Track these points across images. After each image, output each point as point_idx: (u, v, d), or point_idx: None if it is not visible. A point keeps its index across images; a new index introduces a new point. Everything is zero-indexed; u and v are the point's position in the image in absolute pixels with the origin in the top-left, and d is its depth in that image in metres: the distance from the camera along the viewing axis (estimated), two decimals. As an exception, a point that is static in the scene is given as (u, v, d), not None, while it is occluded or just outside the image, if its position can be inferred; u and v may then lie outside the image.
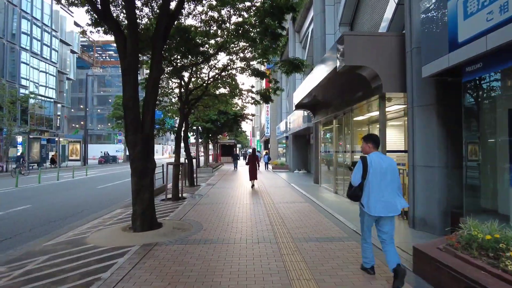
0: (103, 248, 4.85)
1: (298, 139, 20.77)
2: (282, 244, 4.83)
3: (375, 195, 3.26)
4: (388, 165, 3.31)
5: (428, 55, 4.76)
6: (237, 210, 7.62)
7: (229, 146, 37.98)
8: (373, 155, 3.39)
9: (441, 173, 5.14)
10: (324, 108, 11.38)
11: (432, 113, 5.29)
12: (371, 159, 3.34)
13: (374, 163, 3.31)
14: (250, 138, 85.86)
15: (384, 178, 3.26)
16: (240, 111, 22.95)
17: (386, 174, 3.27)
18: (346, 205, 8.12)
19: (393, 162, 3.37)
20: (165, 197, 9.72)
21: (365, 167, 3.32)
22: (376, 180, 3.27)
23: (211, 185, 12.99)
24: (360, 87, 7.67)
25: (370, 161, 3.33)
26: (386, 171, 3.28)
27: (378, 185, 3.26)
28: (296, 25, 20.34)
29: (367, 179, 3.32)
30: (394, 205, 3.23)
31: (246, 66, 10.88)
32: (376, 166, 3.29)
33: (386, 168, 3.28)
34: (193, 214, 7.18)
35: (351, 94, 8.41)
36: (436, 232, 5.11)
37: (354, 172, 3.43)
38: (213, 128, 21.41)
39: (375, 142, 3.46)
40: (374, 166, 3.30)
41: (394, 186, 3.28)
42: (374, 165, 3.30)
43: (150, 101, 6.02)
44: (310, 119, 14.03)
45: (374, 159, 3.34)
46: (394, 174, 3.29)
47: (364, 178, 3.32)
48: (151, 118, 5.94)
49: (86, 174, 19.99)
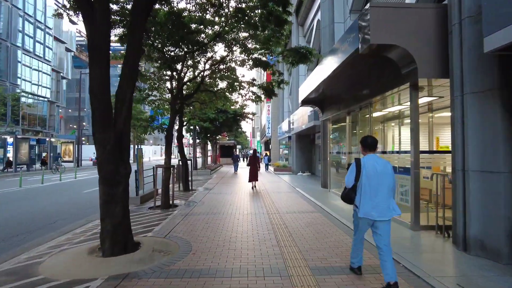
0: (55, 283, 3.59)
1: (301, 139, 19.51)
2: (297, 278, 3.56)
3: (366, 198, 3.27)
4: (383, 168, 3.27)
5: (498, 20, 3.48)
6: (235, 223, 6.35)
7: (228, 147, 36.67)
8: (367, 158, 3.38)
9: (508, 182, 3.87)
10: (334, 104, 10.11)
11: (494, 102, 4.02)
12: (364, 162, 3.34)
13: (367, 166, 3.30)
14: (250, 139, 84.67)
15: (378, 181, 3.24)
16: (240, 109, 21.65)
17: (379, 177, 3.24)
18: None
19: (388, 165, 3.33)
20: (154, 204, 8.46)
21: (359, 169, 3.32)
22: (369, 183, 3.26)
23: (208, 190, 11.72)
24: (385, 75, 6.41)
25: (364, 163, 3.32)
26: (380, 174, 3.25)
27: (370, 188, 3.25)
28: (299, 18, 19.12)
29: (360, 181, 3.31)
30: (386, 209, 3.21)
31: (247, 57, 9.63)
32: (369, 169, 3.28)
33: (380, 171, 3.25)
34: (182, 229, 5.91)
35: (371, 84, 7.15)
36: (503, 260, 3.84)
37: (348, 173, 3.41)
38: (211, 127, 20.13)
39: (369, 145, 3.43)
40: (367, 168, 3.28)
41: (387, 189, 3.25)
42: (367, 168, 3.29)
43: (127, 89, 4.75)
44: (316, 117, 12.76)
45: (368, 161, 3.33)
46: (388, 178, 3.26)
47: (357, 180, 3.32)
48: (127, 110, 4.67)
49: (75, 177, 18.70)
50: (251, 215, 7.10)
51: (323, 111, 11.11)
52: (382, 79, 6.54)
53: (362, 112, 8.25)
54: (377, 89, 6.78)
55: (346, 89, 8.87)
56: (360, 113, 8.35)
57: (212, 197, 10.00)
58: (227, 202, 8.98)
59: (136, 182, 9.40)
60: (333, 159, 10.91)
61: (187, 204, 8.77)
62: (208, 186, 13.18)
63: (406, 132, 6.20)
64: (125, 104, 4.69)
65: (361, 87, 7.70)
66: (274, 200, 9.20)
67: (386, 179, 3.24)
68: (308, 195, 10.01)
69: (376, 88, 6.81)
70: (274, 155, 30.09)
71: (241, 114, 21.86)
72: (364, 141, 3.47)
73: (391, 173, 3.29)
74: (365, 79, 7.48)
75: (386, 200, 3.22)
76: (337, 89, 9.40)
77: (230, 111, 20.52)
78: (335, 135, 10.71)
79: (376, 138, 3.50)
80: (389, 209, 3.21)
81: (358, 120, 8.61)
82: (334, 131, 10.95)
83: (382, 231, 3.22)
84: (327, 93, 10.17)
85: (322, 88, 9.45)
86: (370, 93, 7.17)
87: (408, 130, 5.80)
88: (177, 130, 12.48)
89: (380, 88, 6.64)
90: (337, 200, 9.13)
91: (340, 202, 8.58)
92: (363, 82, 7.61)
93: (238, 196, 10.19)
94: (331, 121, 10.98)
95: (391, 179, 3.26)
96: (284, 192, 10.95)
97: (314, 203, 8.65)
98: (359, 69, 7.28)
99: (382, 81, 6.53)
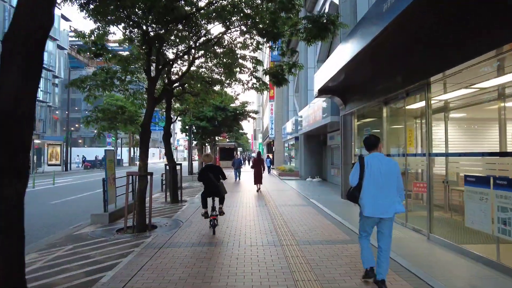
0: None
1: (311, 140, 17.23)
2: None
3: (369, 196, 3.26)
4: (387, 167, 3.28)
5: None
6: (233, 266, 4.06)
7: (229, 149, 34.35)
8: (371, 156, 3.37)
9: None
10: (361, 93, 7.85)
11: None
12: (368, 160, 3.32)
13: (370, 164, 3.29)
14: (252, 141, 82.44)
15: (381, 180, 3.24)
16: (241, 107, 19.34)
17: (383, 176, 3.24)
18: (443, 256, 4.60)
19: (393, 165, 3.32)
20: (125, 225, 6.22)
21: (362, 167, 3.30)
22: (372, 182, 3.26)
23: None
24: (457, 40, 4.15)
25: (367, 162, 3.31)
26: (384, 173, 3.25)
27: (374, 186, 3.24)
28: (307, 3, 16.93)
29: (364, 180, 3.29)
30: (387, 207, 3.21)
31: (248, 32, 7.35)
32: (372, 168, 3.27)
33: (384, 170, 3.25)
34: (145, 281, 3.63)
35: (429, 58, 4.89)
36: None
37: (352, 172, 3.42)
38: (209, 127, 17.85)
39: (369, 145, 3.46)
40: (370, 167, 3.28)
41: (391, 188, 3.25)
42: (370, 166, 3.28)
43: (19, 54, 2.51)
44: (334, 111, 10.49)
45: (371, 160, 3.32)
46: (392, 177, 3.26)
47: (361, 178, 3.29)
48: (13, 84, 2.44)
49: (53, 183, 16.45)
50: (257, 248, 4.82)
51: (346, 103, 8.83)
52: (449, 50, 4.27)
53: (408, 100, 5.99)
54: (441, 64, 4.51)
55: (382, 70, 6.60)
56: (405, 102, 6.08)
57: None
58: (223, 222, 6.71)
59: (104, 195, 7.16)
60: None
61: (168, 226, 6.50)
62: (202, 195, 10.91)
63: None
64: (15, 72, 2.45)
65: (412, 61, 5.44)
66: (286, 219, 6.92)
67: (391, 178, 3.25)
68: (329, 210, 7.72)
69: (439, 63, 4.54)
70: (278, 158, 27.81)
71: (242, 113, 19.57)
72: (364, 140, 3.52)
73: (395, 172, 3.28)
74: (415, 54, 5.22)
75: (389, 199, 3.21)
76: (368, 72, 7.14)
77: (229, 108, 18.23)
78: (367, 131, 8.34)
79: (377, 137, 3.51)
80: (390, 207, 3.20)
81: (401, 113, 6.36)
82: (361, 128, 8.66)
83: (386, 230, 3.27)
84: (352, 80, 7.91)
85: (346, 72, 7.21)
86: (428, 72, 4.90)
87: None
88: (164, 128, 10.24)
89: (444, 63, 4.37)
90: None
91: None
92: (413, 56, 5.35)
93: (238, 211, 7.92)
94: (356, 115, 8.71)
95: (395, 178, 3.26)
96: (297, 206, 8.66)
97: (343, 224, 6.36)
98: (412, 33, 5.02)
99: (447, 53, 4.26)
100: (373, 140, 3.44)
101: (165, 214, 7.77)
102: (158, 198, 10.46)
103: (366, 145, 3.49)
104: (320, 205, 8.52)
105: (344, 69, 6.84)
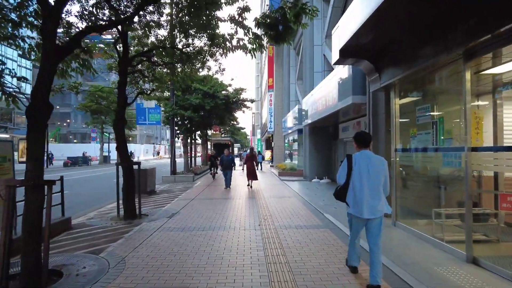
0: None
1: (318, 132, 14.24)
2: None
3: (356, 195, 3.19)
4: (375, 165, 3.19)
5: None
6: None
7: (225, 146, 31.32)
8: (359, 154, 3.28)
9: None
10: (414, 48, 4.84)
11: None
12: (355, 158, 3.25)
13: (358, 162, 3.22)
14: (251, 138, 79.45)
15: (369, 178, 3.16)
16: (235, 94, 16.26)
17: (373, 174, 3.16)
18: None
19: (381, 162, 3.23)
20: (2, 272, 3.26)
21: (350, 165, 3.24)
22: (359, 180, 3.18)
23: (167, 218, 6.52)
24: None
25: (356, 160, 3.24)
26: (373, 171, 3.17)
27: (361, 184, 3.17)
28: None
29: (351, 178, 3.23)
30: (375, 206, 3.13)
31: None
32: (360, 165, 3.20)
33: (374, 168, 3.17)
34: None
35: None
36: None
37: (339, 170, 3.37)
38: (195, 117, 14.80)
39: (360, 141, 3.32)
40: (358, 165, 3.21)
41: (379, 188, 3.17)
42: (357, 164, 3.21)
43: None
44: (358, 88, 7.47)
45: (359, 158, 3.24)
46: (379, 175, 3.17)
47: (349, 177, 3.23)
48: None
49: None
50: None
51: (381, 71, 5.82)
52: None
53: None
54: None
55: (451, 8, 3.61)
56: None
57: (163, 243, 4.78)
58: (188, 266, 3.77)
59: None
60: (404, 161, 5.67)
61: (83, 276, 3.55)
62: (174, 205, 7.95)
63: None
64: None
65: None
66: (293, 264, 3.97)
67: (379, 177, 3.17)
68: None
69: None
70: (278, 155, 24.85)
71: (236, 101, 16.50)
72: (355, 136, 3.37)
73: (383, 170, 3.20)
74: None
75: (376, 197, 3.14)
76: (430, 6, 4.13)
77: (220, 95, 15.14)
78: (422, 112, 5.22)
79: (370, 134, 3.58)
80: (377, 206, 3.13)
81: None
82: (407, 109, 5.63)
83: (374, 230, 3.18)
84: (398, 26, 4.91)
85: (388, 14, 4.24)
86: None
87: None
88: (116, 112, 7.28)
89: None
90: (427, 250, 3.87)
91: (442, 260, 3.43)
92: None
93: (218, 237, 4.98)
94: (399, 89, 5.70)
95: (382, 177, 3.19)
96: (307, 228, 5.69)
97: (394, 273, 3.43)
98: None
99: None
100: (366, 137, 3.33)
101: (93, 246, 4.81)
102: (110, 211, 7.52)
103: (357, 142, 3.35)
104: (342, 226, 5.57)
105: (387, 7, 3.87)
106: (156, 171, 11.90)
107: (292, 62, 21.90)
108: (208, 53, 8.20)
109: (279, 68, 24.91)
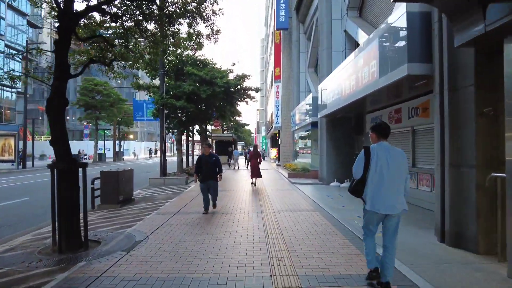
0: None
1: (337, 126, 11.72)
2: None
3: (374, 190, 2.95)
4: (395, 158, 2.96)
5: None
6: None
7: (227, 143, 28.86)
8: (377, 146, 3.03)
9: None
10: None
11: None
12: (373, 149, 3.01)
13: (377, 155, 2.97)
14: (255, 136, 77.01)
15: (391, 173, 2.92)
16: (235, 81, 13.74)
17: (394, 168, 2.92)
18: None
19: (401, 155, 2.98)
20: None
21: (368, 157, 2.99)
22: (378, 174, 2.95)
23: (116, 258, 4.10)
24: None
25: (374, 152, 2.99)
26: (394, 165, 2.93)
27: (379, 178, 2.94)
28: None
29: (369, 171, 2.99)
30: (395, 202, 2.91)
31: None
32: (378, 158, 2.96)
33: (394, 161, 2.94)
34: None
35: None
36: None
37: (355, 163, 3.09)
38: (189, 108, 12.34)
39: (379, 132, 3.06)
40: (376, 158, 2.96)
41: (399, 182, 2.94)
42: (376, 157, 2.97)
43: None
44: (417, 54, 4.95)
45: (378, 150, 2.99)
46: (399, 169, 2.94)
47: (366, 170, 3.00)
48: None
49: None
50: None
51: (486, 5, 3.33)
52: None
53: None
54: None
55: None
56: None
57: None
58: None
59: None
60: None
61: None
62: (145, 225, 5.53)
63: None
64: None
65: None
66: None
67: (400, 170, 2.95)
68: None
69: None
70: (285, 153, 22.36)
71: (238, 90, 14.01)
72: (374, 126, 3.11)
73: (403, 164, 2.98)
74: None
75: (395, 193, 2.93)
76: None
77: (218, 82, 12.61)
78: None
79: (388, 125, 3.12)
80: (395, 203, 2.91)
81: None
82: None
83: (391, 227, 2.98)
84: None
85: None
86: None
87: None
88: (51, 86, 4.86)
89: None
90: None
91: None
92: None
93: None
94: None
95: (402, 171, 2.97)
96: (355, 279, 3.25)
97: None
98: None
99: None
100: (386, 128, 3.09)
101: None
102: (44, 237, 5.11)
103: (377, 132, 3.07)
104: (414, 276, 3.10)
105: None
106: (150, 172, 9.46)
107: (302, 48, 19.36)
108: (196, 11, 5.82)
109: (287, 56, 22.36)
